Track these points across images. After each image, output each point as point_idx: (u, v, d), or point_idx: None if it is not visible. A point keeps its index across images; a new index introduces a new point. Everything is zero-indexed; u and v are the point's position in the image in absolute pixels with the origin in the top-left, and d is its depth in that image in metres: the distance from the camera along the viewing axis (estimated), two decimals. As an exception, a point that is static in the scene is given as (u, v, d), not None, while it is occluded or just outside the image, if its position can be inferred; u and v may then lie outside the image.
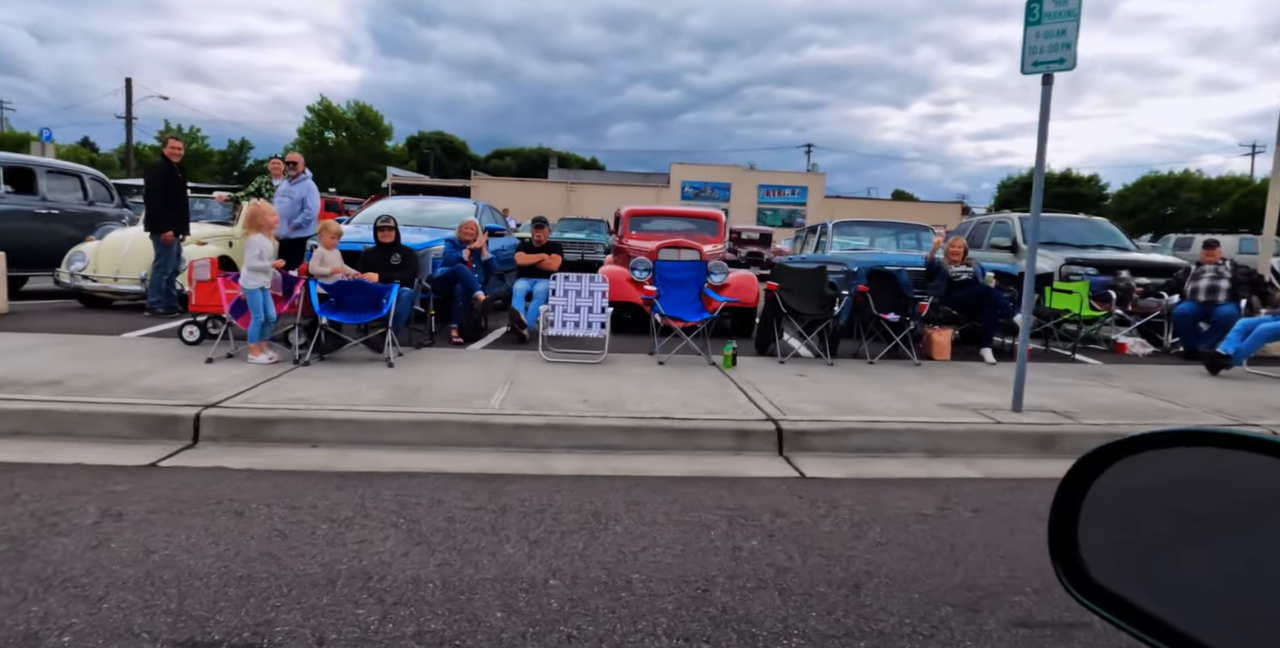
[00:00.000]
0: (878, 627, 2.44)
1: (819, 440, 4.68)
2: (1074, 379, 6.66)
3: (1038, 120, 5.12)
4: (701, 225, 9.80)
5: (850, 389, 5.83)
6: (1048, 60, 4.99)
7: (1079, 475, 0.82)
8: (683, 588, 2.67)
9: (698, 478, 4.03)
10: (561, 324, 6.79)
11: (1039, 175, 5.23)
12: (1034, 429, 4.91)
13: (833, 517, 3.48)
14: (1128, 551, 0.80)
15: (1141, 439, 0.78)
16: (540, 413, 4.73)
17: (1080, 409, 5.43)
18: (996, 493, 3.95)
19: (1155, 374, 7.14)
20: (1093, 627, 2.47)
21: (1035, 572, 2.90)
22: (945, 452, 4.74)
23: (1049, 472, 4.41)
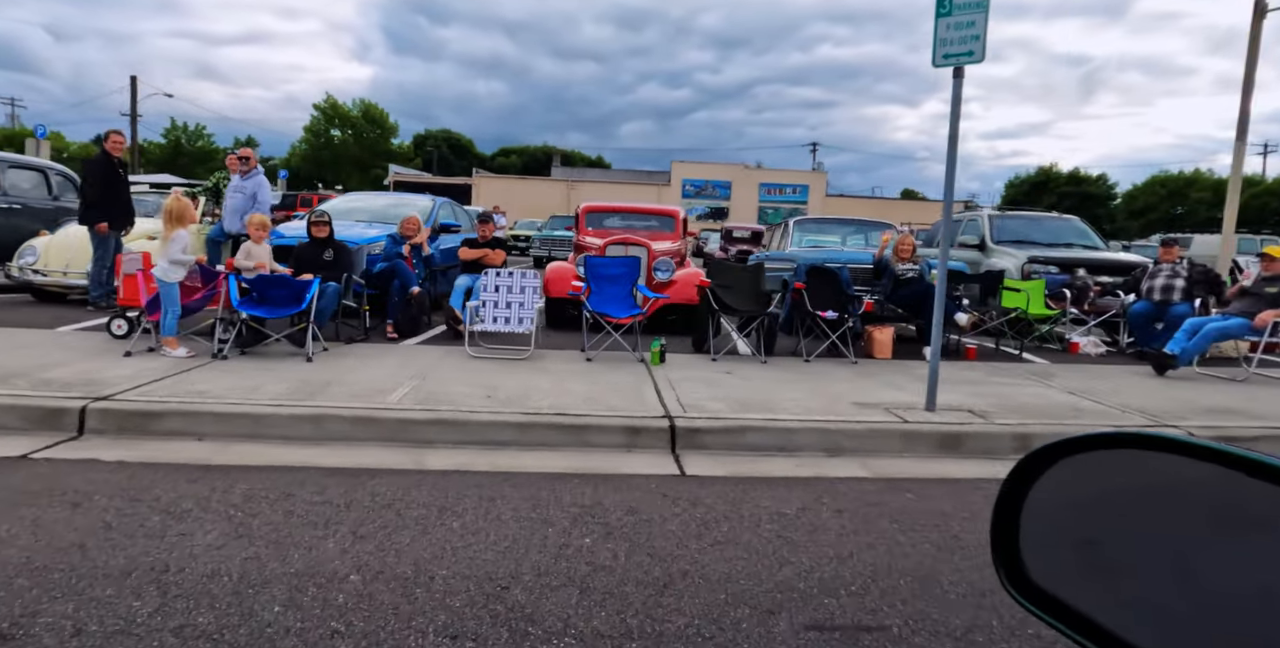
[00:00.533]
0: (661, 628, 2.38)
1: (713, 439, 4.62)
2: (1011, 379, 6.55)
3: (949, 113, 5.03)
4: (658, 222, 9.74)
5: (770, 387, 5.76)
6: (958, 53, 4.89)
7: (1022, 475, 0.80)
8: (483, 585, 2.62)
9: (570, 475, 3.98)
10: (493, 320, 6.76)
11: (950, 172, 5.13)
12: (939, 429, 4.82)
13: (686, 516, 3.42)
14: (1067, 553, 0.80)
15: (1086, 439, 0.76)
16: (433, 408, 4.69)
17: (998, 409, 5.33)
18: (873, 493, 3.87)
19: (1098, 374, 7.01)
20: (889, 632, 2.40)
21: (863, 574, 2.84)
22: (844, 451, 4.65)
23: (942, 472, 4.35)
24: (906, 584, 2.75)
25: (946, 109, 5.03)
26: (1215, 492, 0.68)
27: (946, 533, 3.31)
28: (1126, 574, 0.74)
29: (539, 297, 6.79)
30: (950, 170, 5.12)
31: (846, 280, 7.29)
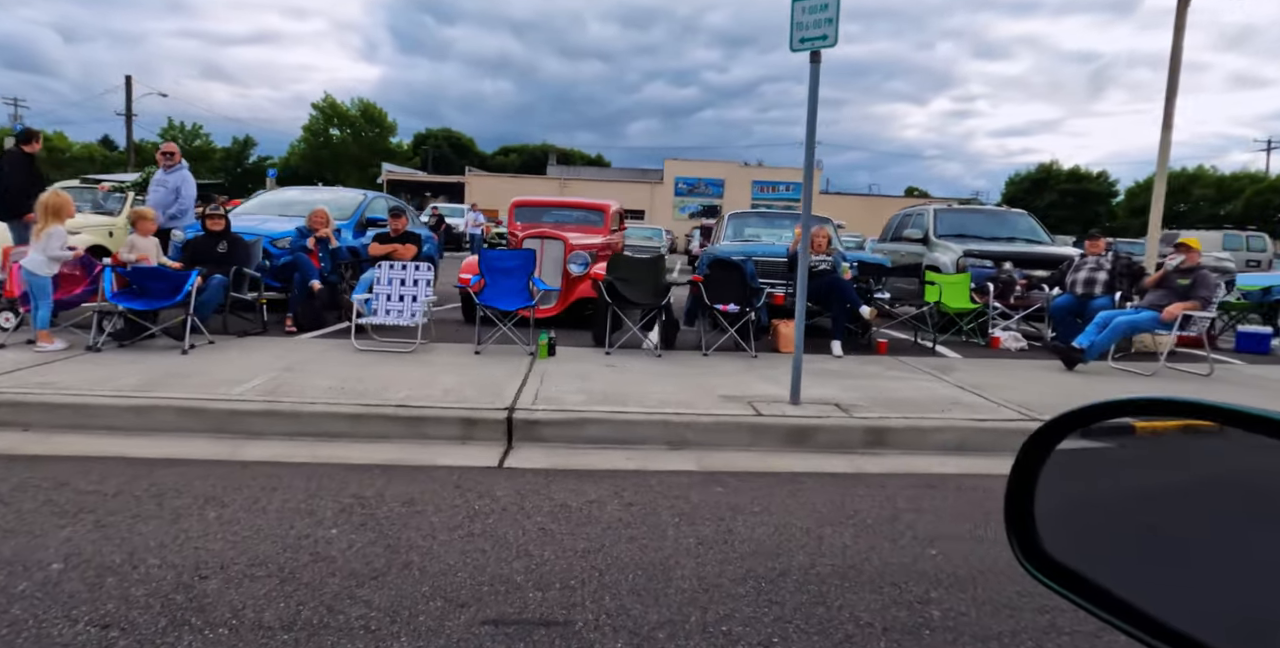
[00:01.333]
0: (330, 620, 2.29)
1: (551, 431, 4.53)
2: (906, 373, 6.42)
3: (807, 99, 4.92)
4: (588, 217, 9.65)
5: (645, 380, 5.66)
6: (812, 37, 4.79)
7: (1038, 444, 0.78)
8: (182, 576, 2.55)
9: (379, 466, 3.91)
10: (385, 313, 6.70)
11: (809, 164, 5.02)
12: (790, 422, 4.71)
13: (464, 508, 3.34)
14: (1081, 524, 0.78)
15: (1105, 406, 0.73)
16: (275, 400, 4.63)
17: (869, 403, 5.21)
18: (682, 486, 3.77)
19: (1004, 368, 6.87)
20: (571, 627, 2.31)
21: (597, 567, 2.75)
22: (687, 444, 4.56)
23: (776, 466, 4.25)
24: (631, 580, 2.66)
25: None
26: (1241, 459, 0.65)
27: (722, 528, 3.21)
28: (1146, 545, 0.72)
29: (430, 290, 6.72)
30: (809, 158, 5.01)
31: (751, 273, 7.18)
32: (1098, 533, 0.77)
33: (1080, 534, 0.77)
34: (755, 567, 2.80)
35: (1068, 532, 0.77)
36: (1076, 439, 0.76)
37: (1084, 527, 0.78)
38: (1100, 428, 0.74)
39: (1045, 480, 0.77)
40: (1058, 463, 0.77)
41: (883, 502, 3.63)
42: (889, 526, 3.31)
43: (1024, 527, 0.78)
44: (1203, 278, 6.82)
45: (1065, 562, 0.75)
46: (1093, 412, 0.74)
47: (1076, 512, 0.79)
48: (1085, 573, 0.72)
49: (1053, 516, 0.77)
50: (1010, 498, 0.79)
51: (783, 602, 2.53)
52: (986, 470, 4.29)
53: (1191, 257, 6.98)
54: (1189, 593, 0.67)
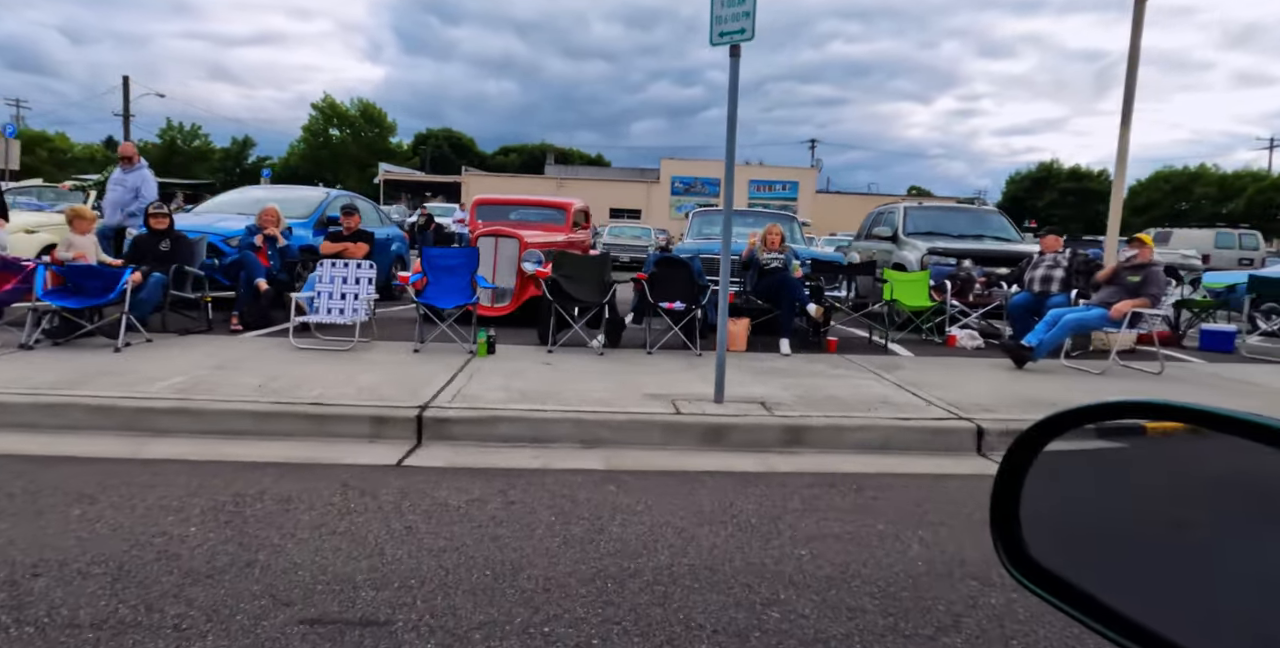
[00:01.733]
0: (144, 619, 2.26)
1: (462, 429, 4.49)
2: (848, 372, 6.36)
3: (728, 94, 4.86)
4: (549, 215, 9.62)
5: (575, 378, 5.62)
6: (731, 31, 4.74)
7: (1024, 447, 0.77)
8: (14, 572, 2.51)
9: (271, 464, 3.87)
10: (326, 311, 6.68)
11: (730, 155, 4.97)
12: (706, 421, 4.65)
13: (338, 506, 3.30)
14: (1068, 529, 0.78)
15: (1089, 410, 0.73)
16: (188, 397, 4.61)
17: (797, 401, 5.16)
18: (575, 486, 3.72)
19: (950, 367, 6.80)
20: (388, 627, 2.27)
21: (445, 567, 2.71)
22: (601, 443, 4.51)
23: (684, 464, 4.21)
24: (475, 579, 2.62)
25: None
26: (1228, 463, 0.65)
27: (594, 527, 3.16)
28: (1132, 551, 0.71)
29: (373, 288, 6.70)
30: (730, 154, 4.95)
31: (698, 271, 7.12)
32: (1084, 538, 0.77)
33: (1066, 539, 0.77)
34: (609, 567, 2.75)
35: (1054, 537, 0.76)
36: (1063, 443, 0.75)
37: (1070, 532, 0.78)
38: (1087, 431, 0.74)
39: (1031, 484, 0.77)
40: (1044, 467, 0.76)
41: (776, 501, 3.58)
42: (770, 525, 3.26)
43: (1009, 531, 0.77)
44: (1152, 275, 6.73)
45: (1051, 567, 0.74)
46: (1080, 414, 0.73)
47: (1062, 516, 0.79)
48: (1071, 579, 0.72)
49: (1038, 520, 0.76)
50: (996, 502, 0.78)
51: (620, 603, 2.48)
52: (898, 470, 4.24)
53: (1143, 253, 6.89)
54: (1175, 599, 0.66)
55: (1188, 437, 0.67)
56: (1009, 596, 2.61)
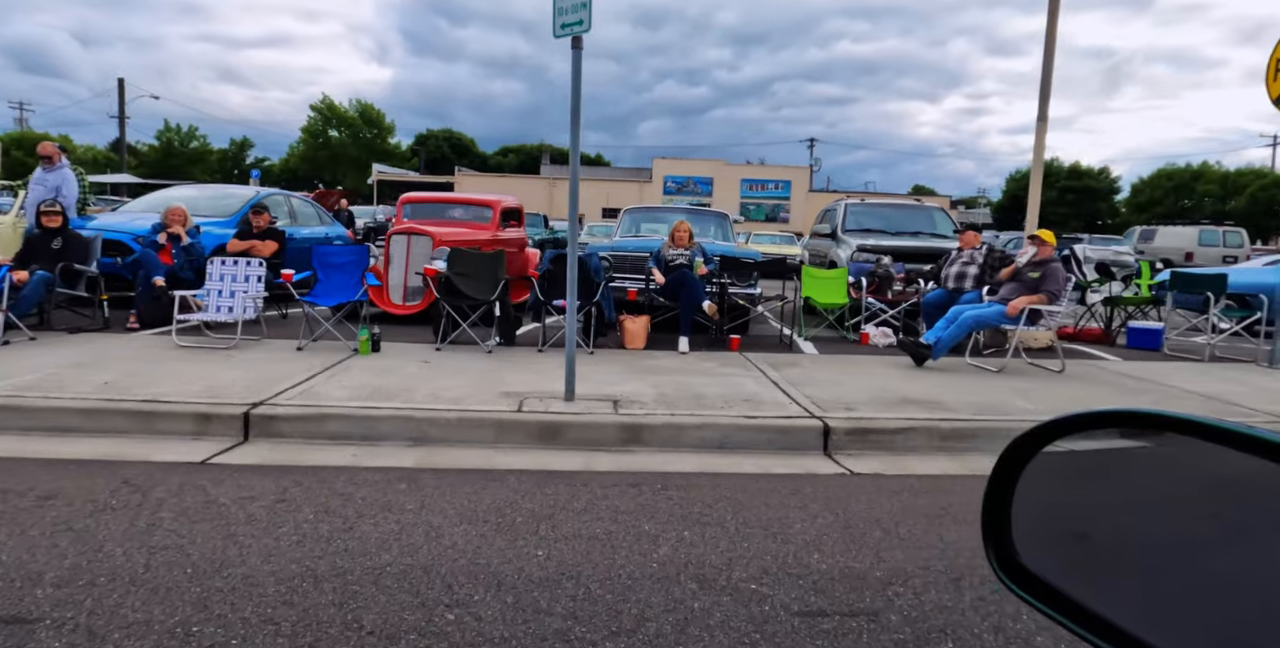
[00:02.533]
0: None
1: (290, 427, 4.43)
2: (734, 370, 6.25)
3: (570, 89, 4.78)
4: (475, 213, 9.56)
5: (441, 376, 5.56)
6: (571, 22, 4.67)
7: (1015, 455, 0.78)
8: None
9: (73, 461, 3.84)
10: (216, 309, 6.65)
11: (574, 147, 4.89)
12: (541, 419, 4.58)
13: (94, 504, 3.25)
14: (1058, 537, 0.78)
15: (1078, 418, 0.73)
16: (21, 395, 4.57)
17: (653, 399, 5.07)
18: (364, 485, 3.65)
19: (847, 365, 6.69)
20: (37, 624, 2.21)
21: (143, 565, 2.64)
22: (429, 440, 4.44)
23: (501, 463, 4.13)
24: (171, 577, 2.56)
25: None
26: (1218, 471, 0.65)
27: (345, 525, 3.10)
28: (1123, 559, 0.71)
29: (262, 286, 6.66)
30: (574, 145, 4.87)
31: (595, 268, 7.04)
32: (1075, 545, 0.77)
33: (1057, 547, 0.77)
34: (322, 566, 2.69)
35: (1044, 544, 0.76)
36: (1054, 450, 0.75)
37: (1061, 539, 0.78)
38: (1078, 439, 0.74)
39: (1022, 492, 0.77)
40: (1035, 474, 0.76)
41: (561, 501, 3.50)
42: (532, 525, 3.18)
43: (1000, 538, 0.77)
44: (1050, 271, 6.59)
45: (1041, 574, 0.74)
46: (1071, 423, 0.74)
47: (1053, 524, 0.79)
48: (1061, 586, 0.72)
49: (1029, 528, 0.76)
50: (987, 509, 0.78)
51: (298, 603, 2.41)
52: (723, 469, 4.15)
53: (1042, 250, 6.75)
54: (1165, 607, 0.66)
55: (1181, 446, 0.67)
56: (719, 598, 2.53)
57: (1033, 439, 0.77)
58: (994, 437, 4.71)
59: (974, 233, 7.96)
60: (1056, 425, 0.75)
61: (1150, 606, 0.67)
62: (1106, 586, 0.71)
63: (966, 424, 4.78)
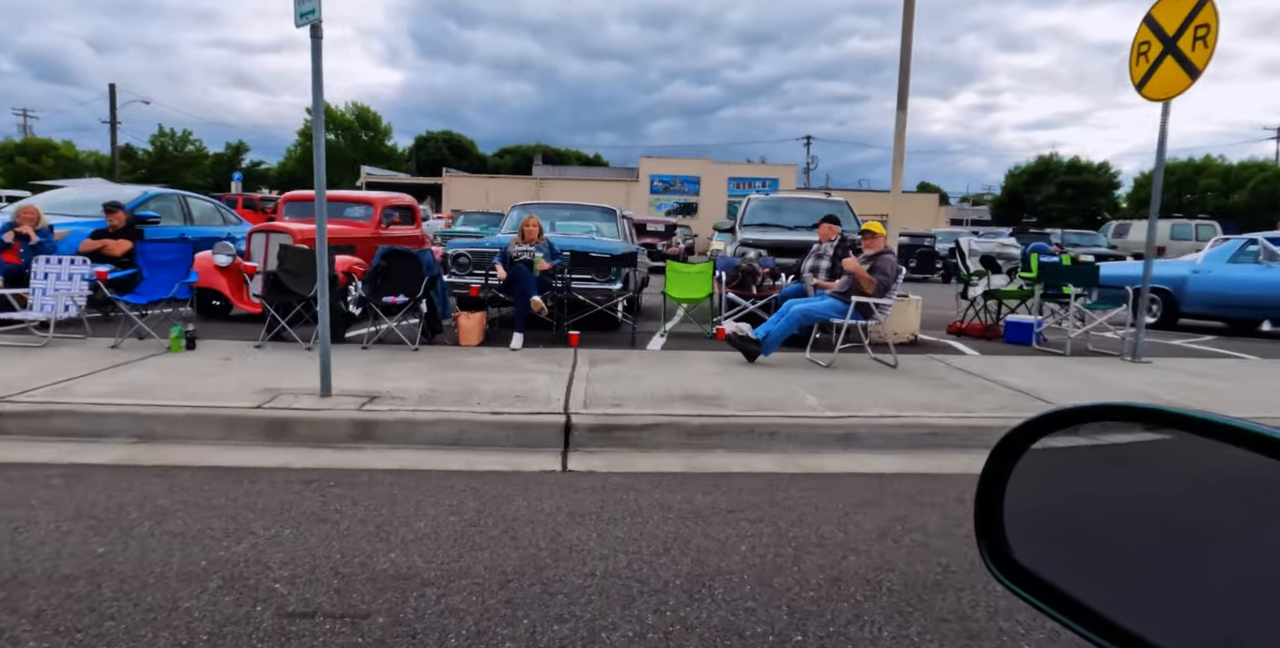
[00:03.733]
0: None
1: (14, 423, 4.38)
2: (540, 366, 6.13)
3: (311, 79, 4.70)
4: (355, 211, 9.52)
5: (216, 372, 5.50)
6: (305, 12, 4.59)
7: (1007, 449, 0.78)
8: None
9: None
10: (40, 307, 6.64)
11: (318, 150, 4.79)
12: (272, 415, 4.50)
13: None
14: (1051, 531, 0.78)
15: (1074, 412, 0.74)
16: None
17: (420, 396, 4.97)
18: (38, 480, 3.60)
19: (674, 361, 6.55)
20: None
21: None
22: (155, 437, 4.38)
23: (207, 460, 4.04)
24: None
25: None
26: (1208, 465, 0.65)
27: None
28: (1115, 554, 0.71)
29: (86, 285, 6.65)
30: (318, 141, 4.77)
31: (428, 263, 6.96)
32: (1067, 540, 0.77)
33: (1049, 541, 0.77)
34: None
35: (1037, 538, 0.76)
36: (1047, 444, 0.75)
37: (1053, 533, 0.78)
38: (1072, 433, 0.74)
39: (1015, 486, 0.77)
40: (1028, 468, 0.76)
41: (191, 498, 3.41)
42: (125, 521, 3.10)
43: (993, 533, 0.78)
44: (880, 264, 6.42)
45: (1034, 569, 0.74)
46: (1064, 417, 0.74)
47: (1046, 518, 0.79)
48: (1054, 581, 0.72)
49: (1022, 522, 0.77)
50: (980, 503, 0.79)
51: None
52: (425, 466, 4.05)
53: (874, 242, 6.57)
54: (1158, 602, 0.66)
55: (1174, 440, 0.67)
56: (225, 598, 2.42)
57: (1026, 432, 0.76)
58: (740, 434, 4.58)
59: (830, 225, 7.79)
60: (1048, 420, 0.75)
61: (1143, 600, 0.67)
62: (1099, 580, 0.70)
63: (714, 421, 4.63)
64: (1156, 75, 6.91)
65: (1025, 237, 22.96)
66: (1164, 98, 6.87)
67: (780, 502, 3.55)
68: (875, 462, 4.33)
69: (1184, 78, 6.68)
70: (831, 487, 3.81)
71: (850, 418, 4.77)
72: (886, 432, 4.67)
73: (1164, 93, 6.86)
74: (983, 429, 4.71)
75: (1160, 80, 6.88)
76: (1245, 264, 10.11)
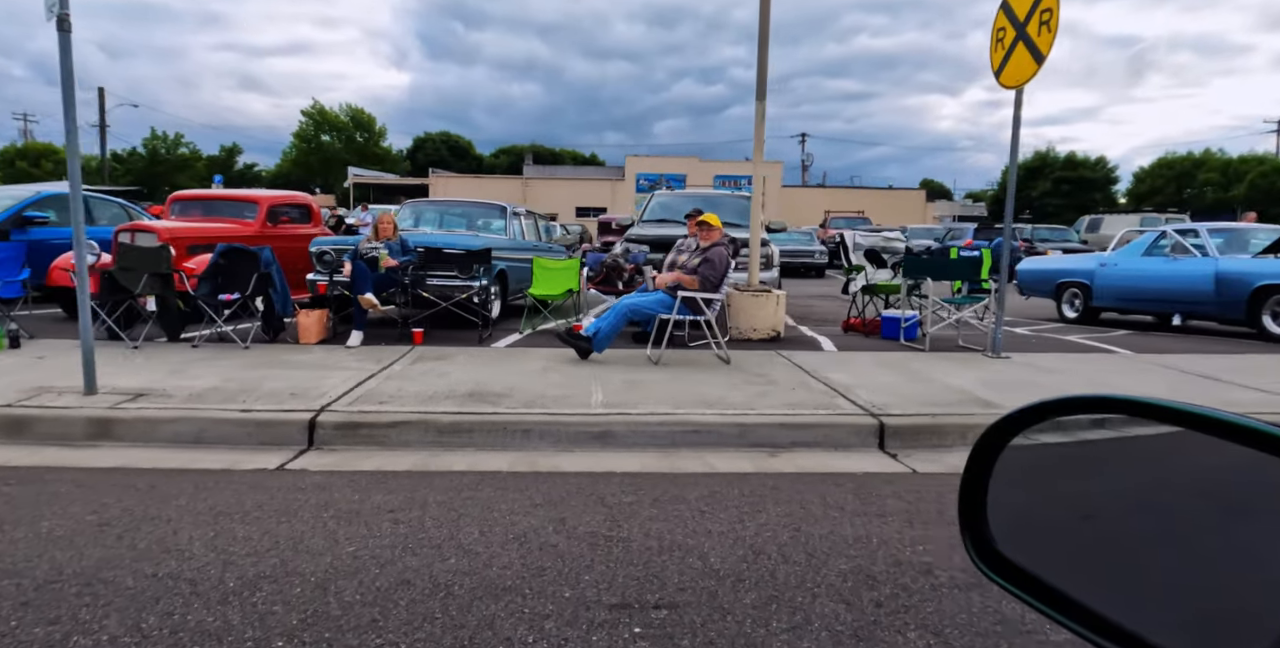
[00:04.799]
0: None
1: None
2: (360, 363, 6.04)
3: (60, 74, 4.62)
4: (239, 210, 9.47)
5: (6, 372, 5.45)
6: (51, 4, 4.51)
7: (990, 441, 0.78)
8: None
9: None
10: None
11: (72, 147, 4.72)
12: (20, 412, 4.43)
13: None
14: (1036, 523, 0.79)
15: (1058, 404, 0.74)
16: None
17: (191, 395, 4.89)
18: None
19: (504, 358, 6.45)
20: None
21: None
22: (-109, 436, 4.33)
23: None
24: None
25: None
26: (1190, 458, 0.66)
27: None
28: (1100, 545, 0.72)
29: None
30: (71, 140, 4.70)
31: (266, 260, 6.88)
32: (1052, 532, 0.77)
33: (1034, 533, 0.77)
34: None
35: (1022, 531, 0.76)
36: (1031, 436, 0.75)
37: (1038, 526, 0.78)
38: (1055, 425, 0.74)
39: (999, 478, 0.77)
40: (1012, 460, 0.76)
41: None
42: None
43: (976, 525, 0.78)
44: (710, 256, 6.27)
45: (1017, 561, 0.74)
46: (1049, 408, 0.74)
47: (1031, 510, 0.79)
48: (1037, 572, 0.72)
49: (1007, 514, 0.77)
50: (964, 496, 0.79)
51: None
52: (145, 464, 3.96)
53: (708, 235, 6.42)
54: (1142, 593, 0.66)
55: (1158, 432, 0.66)
56: None
57: (1009, 424, 0.76)
58: (492, 431, 4.46)
59: (696, 219, 7.63)
60: (1033, 411, 0.74)
61: (1125, 590, 0.67)
62: (1082, 571, 0.70)
63: (467, 418, 4.52)
64: (1011, 62, 6.72)
65: (989, 232, 22.66)
66: (1016, 85, 6.68)
67: (458, 504, 3.42)
68: (616, 461, 4.19)
69: (1032, 63, 6.49)
70: (531, 487, 3.68)
71: (612, 415, 4.64)
72: (646, 430, 4.54)
73: (1016, 80, 6.66)
74: (749, 427, 4.57)
75: (1014, 67, 6.68)
76: (1155, 257, 9.86)
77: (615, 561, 2.77)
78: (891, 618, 2.36)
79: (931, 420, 4.73)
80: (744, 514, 3.32)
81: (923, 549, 2.93)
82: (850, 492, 3.68)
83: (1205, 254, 9.44)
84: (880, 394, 5.29)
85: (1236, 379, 6.03)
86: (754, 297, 7.40)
